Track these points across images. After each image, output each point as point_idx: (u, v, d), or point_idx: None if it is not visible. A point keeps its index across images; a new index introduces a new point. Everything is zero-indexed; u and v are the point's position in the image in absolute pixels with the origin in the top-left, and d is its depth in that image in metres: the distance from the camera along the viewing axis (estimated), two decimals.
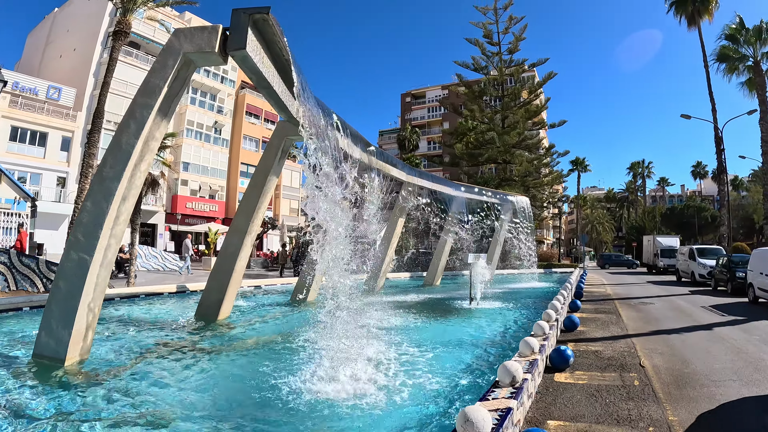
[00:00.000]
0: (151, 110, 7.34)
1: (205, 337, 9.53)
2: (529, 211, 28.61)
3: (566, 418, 4.99)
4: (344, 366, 6.64)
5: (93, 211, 7.28)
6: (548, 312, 9.26)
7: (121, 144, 7.36)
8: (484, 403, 4.50)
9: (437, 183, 21.85)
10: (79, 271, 7.20)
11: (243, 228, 11.09)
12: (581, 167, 72.25)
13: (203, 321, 11.02)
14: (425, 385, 6.36)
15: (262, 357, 8.08)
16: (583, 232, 69.00)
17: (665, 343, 8.99)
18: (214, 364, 7.64)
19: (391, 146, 73.28)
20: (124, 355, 7.95)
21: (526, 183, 44.51)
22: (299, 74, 7.79)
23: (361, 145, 12.89)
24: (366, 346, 8.09)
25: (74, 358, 7.26)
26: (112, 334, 9.51)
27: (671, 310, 13.94)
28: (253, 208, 11.01)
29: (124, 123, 7.42)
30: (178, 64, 7.51)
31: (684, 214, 63.54)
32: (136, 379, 6.60)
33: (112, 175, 7.26)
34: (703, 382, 6.39)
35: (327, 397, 5.75)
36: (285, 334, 9.81)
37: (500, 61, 47.51)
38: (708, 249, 26.62)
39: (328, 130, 9.80)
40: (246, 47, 7.21)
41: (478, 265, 15.85)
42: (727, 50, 31.90)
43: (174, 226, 44.89)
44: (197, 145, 47.29)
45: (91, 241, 7.17)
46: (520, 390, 4.86)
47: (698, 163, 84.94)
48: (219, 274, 11.32)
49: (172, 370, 7.09)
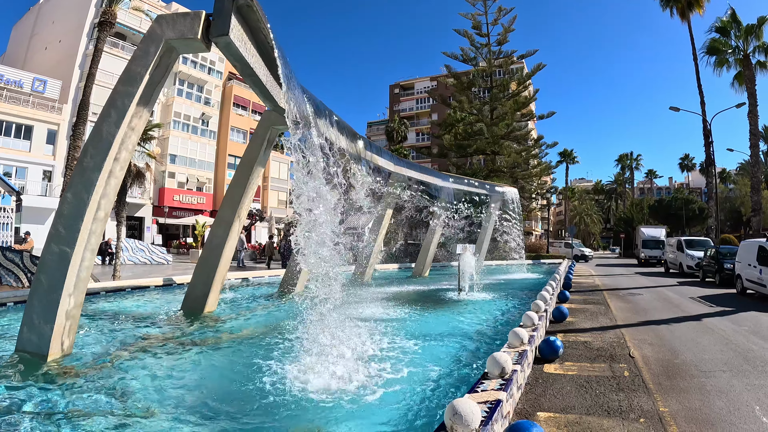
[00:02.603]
0: (132, 98, 7.15)
1: (189, 331, 9.40)
2: (517, 203, 28.58)
3: (556, 409, 4.94)
4: (326, 359, 6.55)
5: (73, 202, 7.10)
6: (537, 303, 9.22)
7: (102, 133, 7.17)
8: (474, 395, 4.43)
9: (425, 173, 21.73)
10: (60, 264, 7.03)
11: (228, 219, 10.92)
12: (570, 159, 72.68)
13: (189, 314, 10.86)
14: (409, 378, 6.28)
15: (247, 350, 7.99)
16: (571, 224, 69.48)
17: (654, 334, 9.00)
18: (197, 357, 7.53)
19: (380, 137, 73.03)
20: (107, 350, 7.81)
21: (514, 174, 44.60)
22: (284, 61, 7.61)
23: (348, 136, 12.73)
24: (350, 338, 8.01)
25: (57, 353, 7.12)
26: (97, 328, 9.36)
27: (660, 300, 14.00)
28: (239, 199, 10.84)
29: (105, 112, 7.23)
30: (160, 51, 7.32)
31: (672, 206, 63.92)
32: (118, 374, 6.50)
33: (93, 165, 7.07)
34: (692, 372, 6.38)
35: (308, 391, 5.66)
36: (271, 327, 9.70)
37: (489, 52, 47.44)
38: (696, 241, 26.80)
39: (317, 120, 9.67)
40: (229, 33, 7.04)
41: (467, 256, 15.79)
42: (716, 43, 31.92)
43: (161, 218, 44.44)
44: (184, 137, 46.69)
45: (71, 233, 7.00)
46: (510, 381, 4.79)
47: (686, 156, 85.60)
48: (204, 266, 11.15)
49: (154, 365, 6.99)
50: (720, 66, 32.27)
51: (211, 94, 49.71)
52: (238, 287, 17.21)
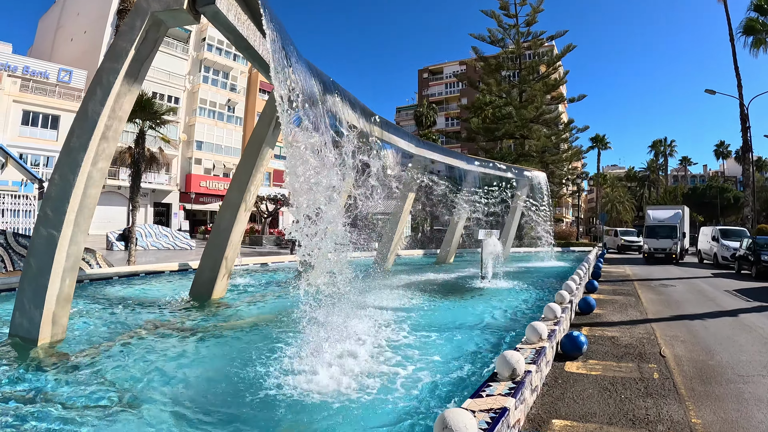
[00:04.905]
0: (118, 75, 6.74)
1: (192, 317, 9.07)
2: (546, 187, 27.48)
3: (575, 416, 4.33)
4: (331, 353, 6.09)
5: (60, 184, 6.77)
6: (562, 293, 8.56)
7: (88, 112, 6.80)
8: (476, 400, 3.86)
9: (449, 156, 20.94)
10: (48, 247, 6.73)
11: (236, 202, 10.46)
12: (601, 144, 70.20)
13: (197, 300, 10.54)
14: (416, 375, 5.75)
15: (249, 340, 7.60)
16: (602, 211, 67.52)
17: (687, 330, 8.21)
18: (195, 346, 7.21)
19: (409, 123, 72.01)
20: (104, 336, 7.60)
21: (544, 159, 43.21)
22: (276, 28, 6.97)
23: (363, 115, 12.10)
24: (362, 329, 7.58)
25: (47, 338, 6.93)
26: (98, 313, 9.14)
27: (693, 293, 13.08)
28: (246, 180, 10.33)
29: (91, 90, 6.87)
30: (146, 24, 6.88)
31: (706, 195, 61.46)
32: (110, 361, 6.26)
33: (79, 145, 6.72)
34: (729, 376, 5.63)
35: (305, 389, 5.19)
36: (278, 315, 9.21)
37: (517, 33, 45.84)
38: (732, 230, 25.27)
39: (325, 97, 9.11)
40: (216, 2, 6.52)
41: (490, 242, 15.09)
42: (753, 22, 29.96)
43: (188, 205, 44.73)
44: (210, 123, 46.91)
45: (58, 216, 6.67)
46: (521, 385, 4.20)
47: (721, 143, 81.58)
48: (212, 251, 10.77)
49: (149, 352, 6.69)
50: (757, 47, 30.28)
51: (236, 80, 49.76)
52: (255, 272, 16.90)
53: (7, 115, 33.07)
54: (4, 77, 33.49)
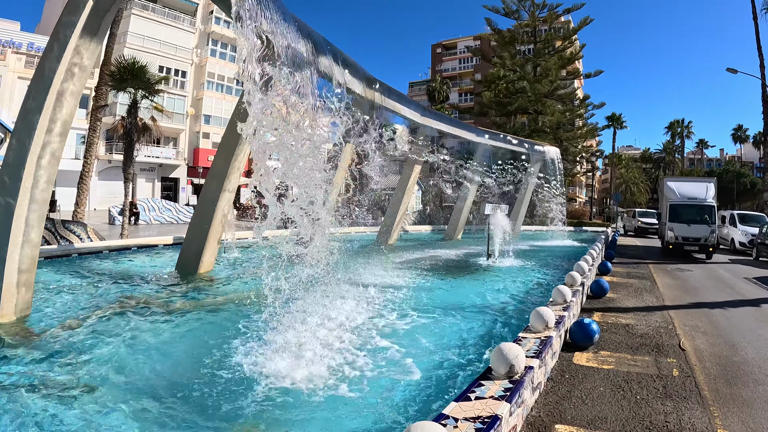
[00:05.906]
0: (74, 29, 6.07)
1: (174, 293, 8.56)
2: (559, 163, 26.38)
3: (582, 421, 3.68)
4: (313, 338, 5.55)
5: (17, 148, 6.17)
6: (573, 274, 7.87)
7: (44, 70, 6.19)
8: (462, 404, 3.23)
9: (457, 127, 19.89)
10: (5, 216, 6.13)
11: (222, 171, 9.73)
12: (617, 123, 68.25)
13: (183, 274, 10.00)
14: (404, 366, 5.12)
15: (227, 318, 7.06)
16: (616, 192, 66.10)
17: (708, 320, 7.45)
18: (170, 324, 6.73)
19: (422, 98, 70.56)
20: (76, 312, 7.12)
21: (558, 135, 41.88)
22: None
23: (362, 80, 11.24)
24: (352, 310, 7.01)
25: (9, 314, 6.45)
26: (75, 289, 8.66)
27: (711, 279, 12.27)
28: (233, 149, 9.56)
29: (48, 46, 6.28)
30: None
31: (723, 179, 59.96)
32: (77, 339, 5.84)
33: (35, 106, 6.11)
34: (757, 376, 4.91)
35: (265, 376, 4.70)
36: (262, 292, 8.63)
37: (532, 4, 44.12)
38: (750, 215, 24.23)
39: (317, 58, 8.33)
40: None
41: (497, 217, 14.28)
42: None
43: (196, 179, 44.22)
44: (218, 97, 46.05)
45: (14, 182, 6.08)
46: (519, 384, 3.55)
47: (739, 127, 79.04)
48: (198, 223, 10.15)
49: (120, 330, 6.23)
50: None
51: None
52: (250, 246, 16.33)
53: (12, 91, 32.49)
54: (9, 54, 32.94)
